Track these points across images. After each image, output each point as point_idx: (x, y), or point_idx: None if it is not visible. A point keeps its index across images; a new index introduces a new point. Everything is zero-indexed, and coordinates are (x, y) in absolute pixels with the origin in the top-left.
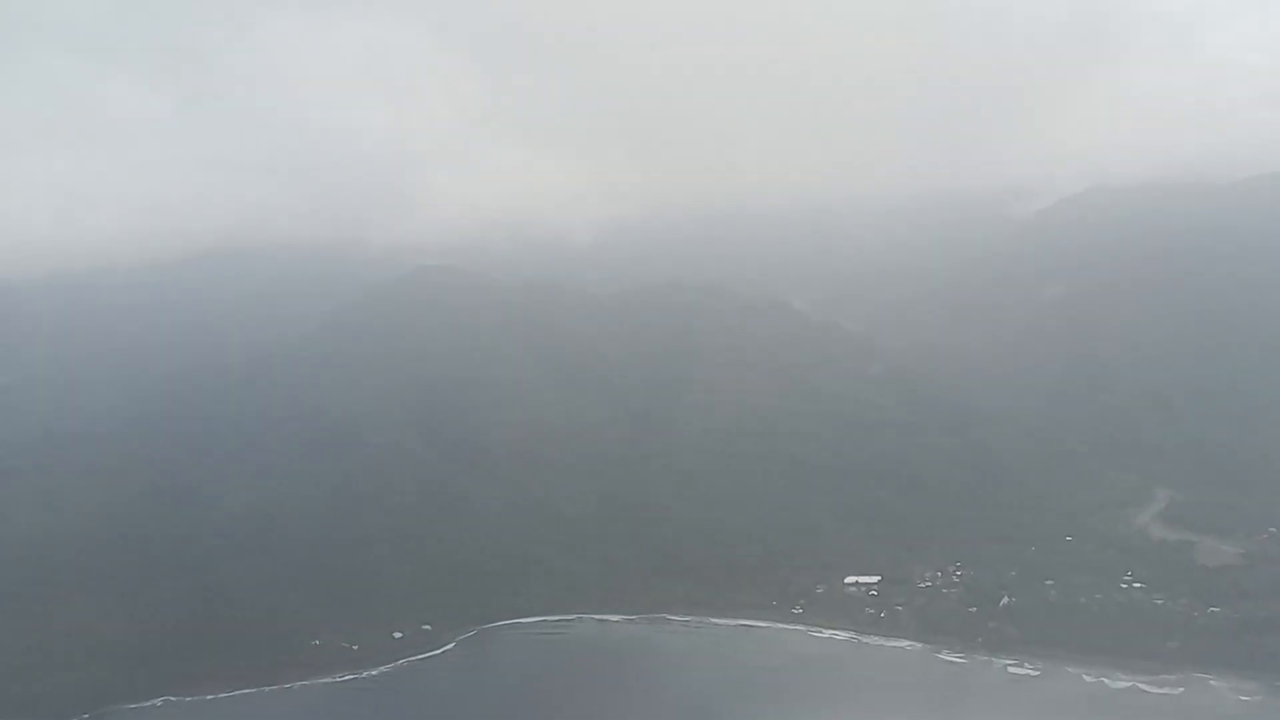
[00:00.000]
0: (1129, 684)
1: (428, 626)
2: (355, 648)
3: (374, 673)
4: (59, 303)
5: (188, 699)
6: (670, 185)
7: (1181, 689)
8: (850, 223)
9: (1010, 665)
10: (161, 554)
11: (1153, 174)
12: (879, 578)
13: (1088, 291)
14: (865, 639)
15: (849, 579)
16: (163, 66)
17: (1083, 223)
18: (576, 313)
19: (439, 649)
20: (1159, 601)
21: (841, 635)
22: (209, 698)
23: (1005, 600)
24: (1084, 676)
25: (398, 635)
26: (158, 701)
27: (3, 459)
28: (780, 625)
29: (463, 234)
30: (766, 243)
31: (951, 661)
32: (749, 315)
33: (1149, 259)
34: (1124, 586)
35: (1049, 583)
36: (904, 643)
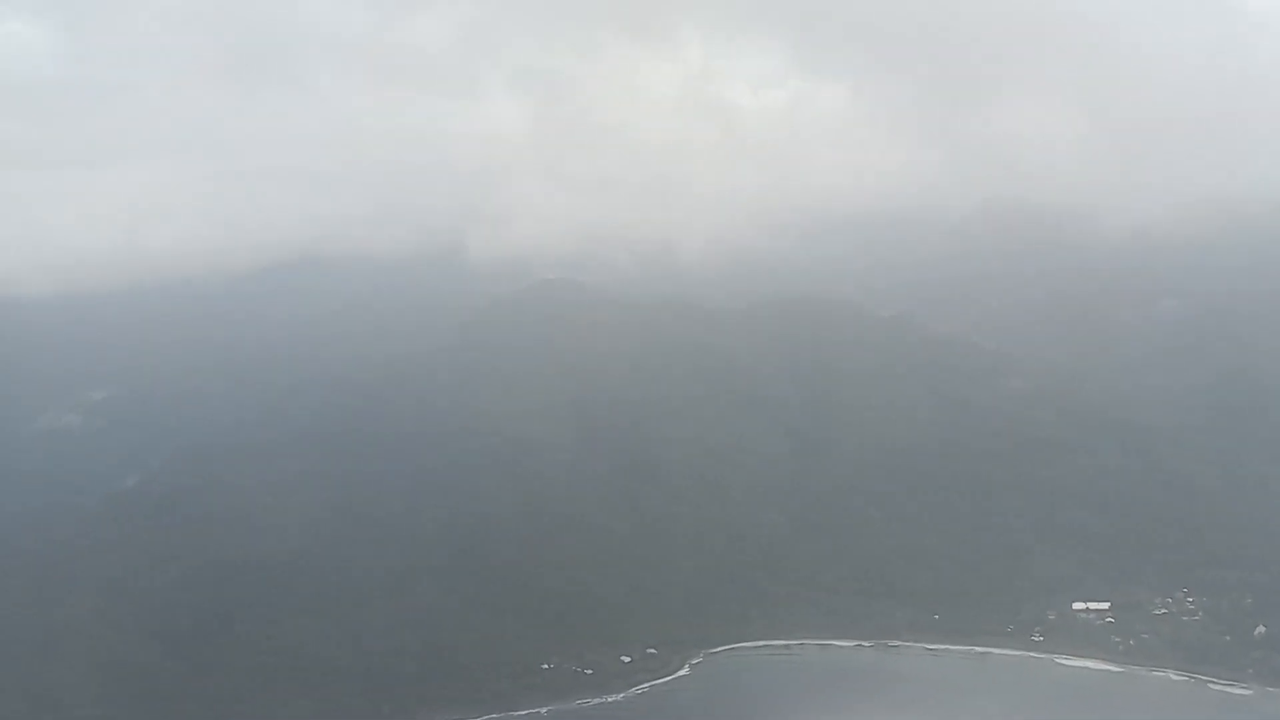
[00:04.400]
0: None
1: (653, 650)
2: (589, 672)
3: (618, 698)
4: (144, 314)
5: None
6: (769, 195)
7: None
8: (934, 231)
9: None
10: (361, 575)
11: (1244, 190)
12: (1108, 604)
13: (1207, 306)
14: (1124, 669)
15: (1077, 604)
16: (217, 77)
17: (1182, 237)
18: (713, 329)
19: (673, 674)
20: None
21: (1094, 665)
22: None
23: (1260, 629)
24: None
25: (625, 659)
26: None
27: (168, 476)
28: (1023, 653)
29: (561, 246)
30: (861, 251)
31: (1231, 694)
32: (879, 330)
33: (1261, 272)
34: None
35: None
36: (1168, 673)
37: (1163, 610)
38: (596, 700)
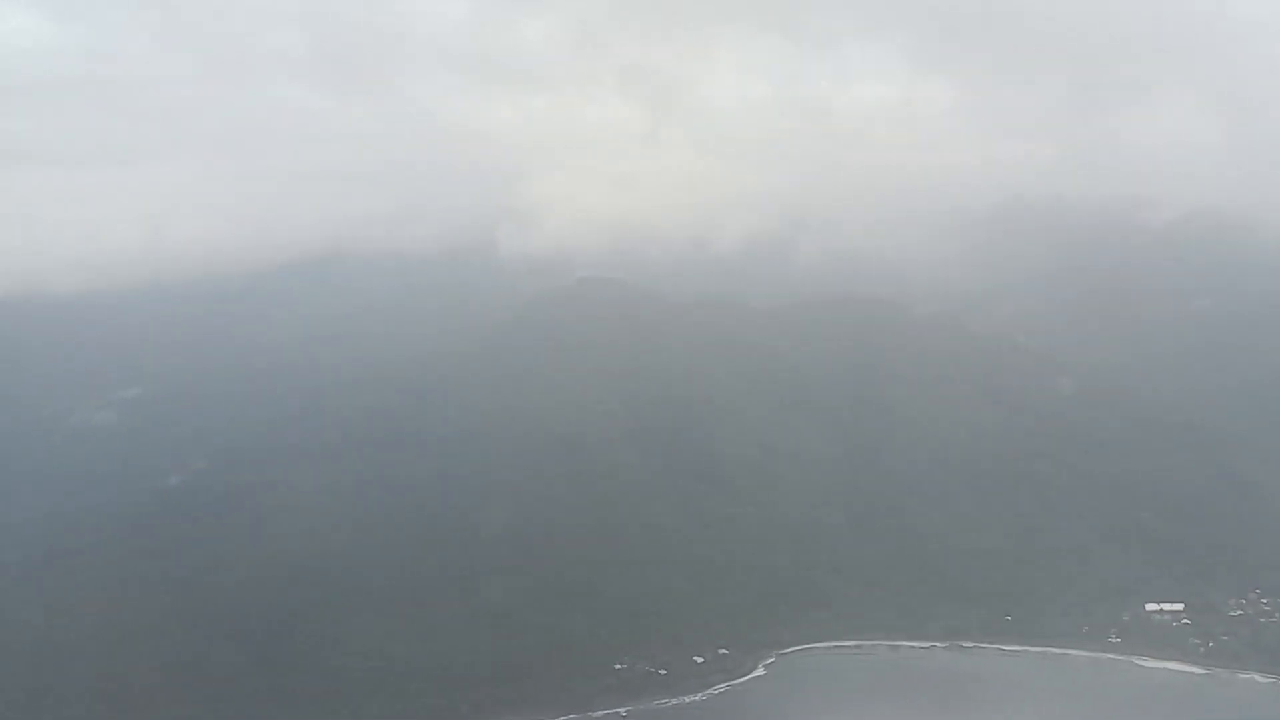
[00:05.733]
0: None
1: (724, 651)
2: (662, 672)
3: (698, 698)
4: (171, 311)
5: None
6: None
7: None
8: (969, 226)
9: None
10: (426, 576)
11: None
12: (1182, 605)
13: (1241, 307)
14: (1208, 671)
15: (1150, 606)
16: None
17: (1213, 236)
18: (758, 328)
19: (748, 674)
20: None
21: (1175, 667)
22: None
23: None
24: None
25: (698, 660)
26: None
27: (215, 475)
28: (1102, 655)
29: (593, 243)
30: (894, 249)
31: None
32: (921, 328)
33: None
34: None
35: None
36: (1253, 675)
37: (1238, 611)
38: (675, 701)
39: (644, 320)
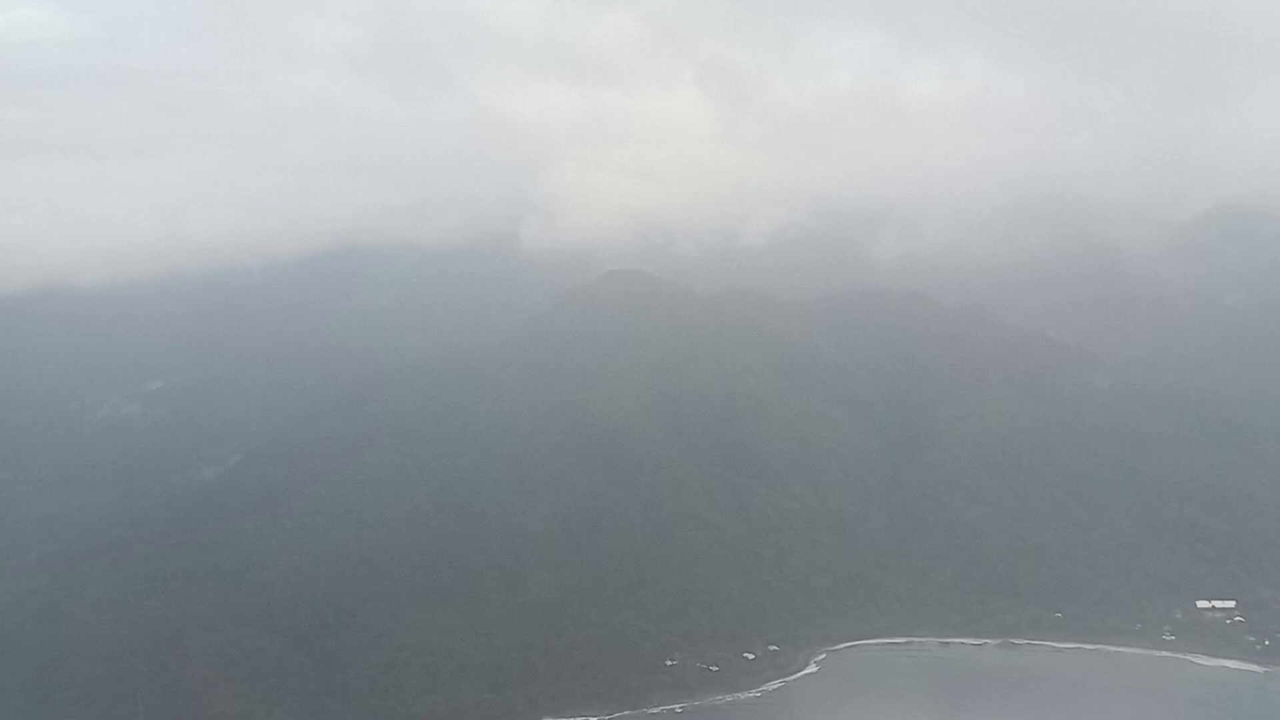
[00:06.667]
0: None
1: (774, 647)
2: (714, 669)
3: (754, 694)
4: (189, 304)
5: None
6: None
7: None
8: (988, 221)
9: None
10: (475, 569)
11: None
12: (1234, 602)
13: (1272, 300)
14: (1267, 669)
15: (1201, 603)
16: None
17: (1237, 230)
18: (790, 322)
19: (800, 671)
20: None
21: (1233, 664)
22: (593, 719)
23: None
24: None
25: (749, 656)
26: None
27: (251, 468)
28: (1156, 653)
29: (620, 236)
30: (916, 243)
31: None
32: (954, 323)
33: None
34: None
35: None
36: None
37: None
38: (730, 697)
39: (674, 314)
